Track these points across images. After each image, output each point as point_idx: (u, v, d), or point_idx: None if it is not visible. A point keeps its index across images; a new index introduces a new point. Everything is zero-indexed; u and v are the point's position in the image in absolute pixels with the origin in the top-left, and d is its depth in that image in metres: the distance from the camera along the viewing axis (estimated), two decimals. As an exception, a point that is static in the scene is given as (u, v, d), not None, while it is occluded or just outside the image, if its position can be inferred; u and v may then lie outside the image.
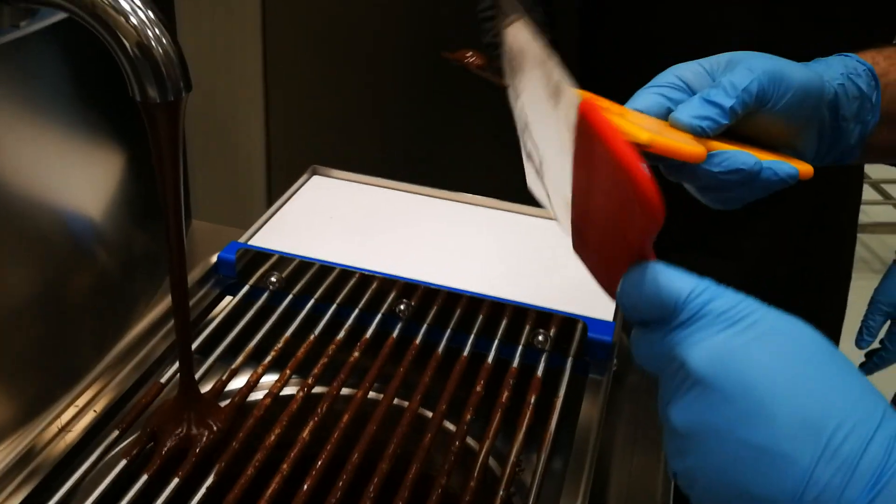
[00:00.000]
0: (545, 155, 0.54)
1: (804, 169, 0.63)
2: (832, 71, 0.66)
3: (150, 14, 0.53)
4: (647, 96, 0.63)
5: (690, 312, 0.43)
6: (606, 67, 1.15)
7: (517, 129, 0.58)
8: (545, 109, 0.51)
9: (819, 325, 0.44)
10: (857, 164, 1.17)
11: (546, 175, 0.55)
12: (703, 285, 0.43)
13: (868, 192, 3.11)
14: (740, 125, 0.63)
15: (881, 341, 1.18)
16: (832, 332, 1.25)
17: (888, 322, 1.17)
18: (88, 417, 0.72)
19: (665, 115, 0.62)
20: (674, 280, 0.43)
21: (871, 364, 1.20)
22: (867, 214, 3.01)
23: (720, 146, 0.61)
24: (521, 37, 0.53)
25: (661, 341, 0.44)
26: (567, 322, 0.81)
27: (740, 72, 0.61)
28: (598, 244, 0.50)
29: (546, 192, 0.57)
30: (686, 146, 0.58)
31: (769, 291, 1.24)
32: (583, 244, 0.52)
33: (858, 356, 1.21)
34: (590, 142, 0.44)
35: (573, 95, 0.45)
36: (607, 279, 0.49)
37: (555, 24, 1.16)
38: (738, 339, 0.42)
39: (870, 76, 0.66)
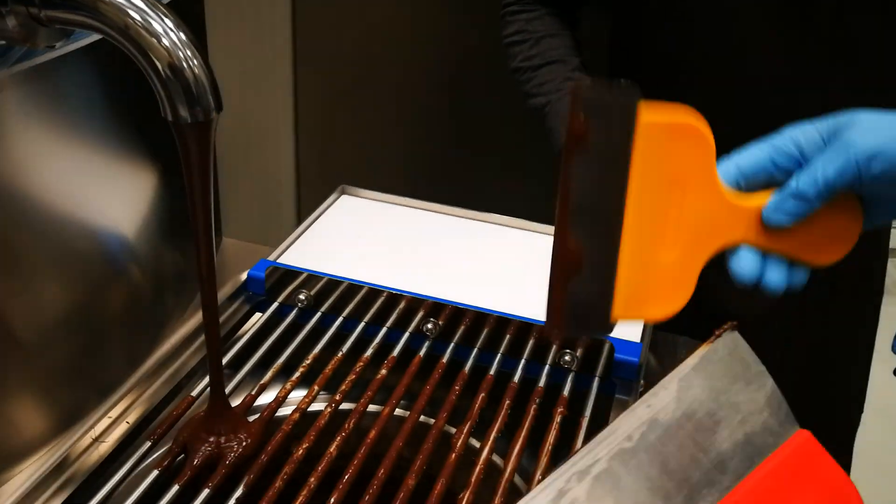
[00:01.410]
0: None
1: None
2: None
3: (182, 36, 0.54)
4: (758, 153, 0.58)
5: None
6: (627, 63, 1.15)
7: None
8: None
9: (854, 340, 0.44)
10: None
11: None
12: None
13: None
14: None
15: None
16: (867, 345, 1.25)
17: None
18: (122, 429, 0.73)
19: (765, 179, 0.58)
20: None
21: None
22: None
23: None
24: None
25: None
26: (594, 342, 0.81)
27: (836, 156, 0.55)
28: None
29: None
30: None
31: (805, 310, 1.24)
32: None
33: (892, 362, 1.21)
34: None
35: None
36: None
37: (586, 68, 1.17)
38: None
39: None
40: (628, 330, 0.85)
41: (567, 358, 0.82)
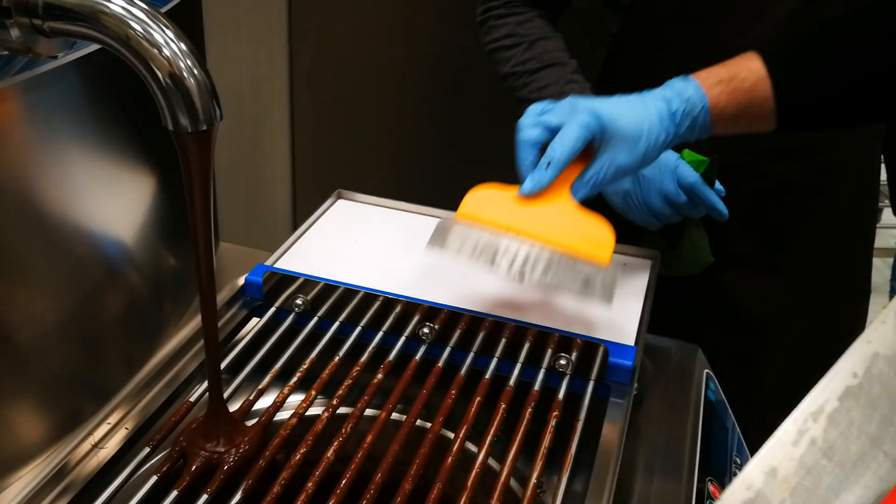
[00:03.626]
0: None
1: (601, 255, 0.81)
2: (666, 103, 0.82)
3: (183, 46, 0.54)
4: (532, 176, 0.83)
5: None
6: (627, 78, 1.16)
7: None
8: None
9: (849, 338, 0.47)
10: (871, 198, 1.21)
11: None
12: None
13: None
14: None
15: None
16: (857, 330, 1.28)
17: None
18: (120, 435, 0.74)
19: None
20: None
21: None
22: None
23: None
24: None
25: None
26: (589, 346, 0.82)
27: (570, 131, 0.80)
28: None
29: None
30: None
31: (805, 311, 1.26)
32: None
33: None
34: None
35: None
36: None
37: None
38: None
39: (703, 110, 0.83)
40: (623, 334, 0.85)
41: (562, 362, 0.83)
